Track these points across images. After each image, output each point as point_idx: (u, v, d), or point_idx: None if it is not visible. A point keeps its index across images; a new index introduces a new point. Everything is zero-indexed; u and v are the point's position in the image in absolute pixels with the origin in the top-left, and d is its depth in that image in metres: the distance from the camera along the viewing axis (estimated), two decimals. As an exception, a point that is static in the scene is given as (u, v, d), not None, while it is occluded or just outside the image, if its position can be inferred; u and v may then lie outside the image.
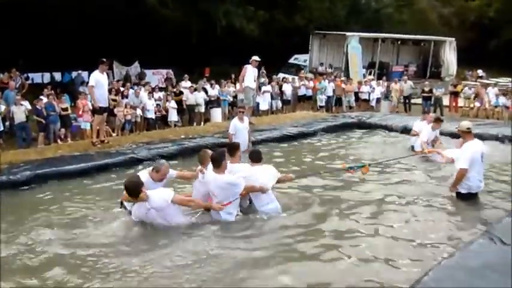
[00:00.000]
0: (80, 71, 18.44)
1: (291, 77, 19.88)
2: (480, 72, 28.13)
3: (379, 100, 18.96)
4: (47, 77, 19.19)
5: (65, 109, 12.89)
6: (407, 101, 18.88)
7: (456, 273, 3.80)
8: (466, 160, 5.99)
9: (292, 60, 24.47)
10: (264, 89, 17.03)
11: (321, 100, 18.33)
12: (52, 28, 18.53)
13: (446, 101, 18.75)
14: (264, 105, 16.94)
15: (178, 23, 21.42)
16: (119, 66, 20.97)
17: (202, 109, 15.81)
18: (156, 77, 21.52)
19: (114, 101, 13.47)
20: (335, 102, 18.56)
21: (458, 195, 6.21)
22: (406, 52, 25.96)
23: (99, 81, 9.24)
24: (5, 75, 14.97)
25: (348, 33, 22.35)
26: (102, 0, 19.11)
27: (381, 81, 20.25)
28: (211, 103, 16.09)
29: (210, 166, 5.48)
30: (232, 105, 16.65)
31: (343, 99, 18.54)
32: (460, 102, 18.92)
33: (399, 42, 25.34)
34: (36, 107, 12.16)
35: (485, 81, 24.08)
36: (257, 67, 11.59)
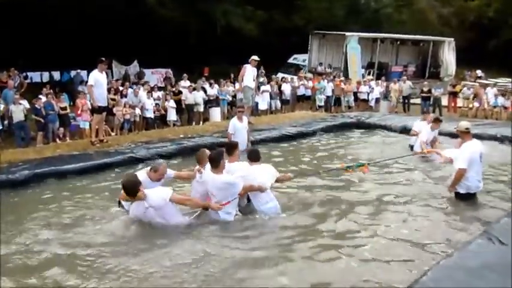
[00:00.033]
0: (79, 70, 18.41)
1: (290, 77, 19.91)
2: (479, 73, 28.09)
3: (378, 100, 18.99)
4: (45, 76, 19.20)
5: (64, 108, 12.90)
6: (406, 101, 18.92)
7: (455, 273, 3.80)
8: (465, 160, 6.00)
9: (291, 60, 24.48)
10: (263, 88, 17.03)
11: (320, 100, 18.33)
12: (52, 28, 18.53)
13: (445, 101, 18.77)
14: (263, 105, 16.94)
15: (177, 23, 21.43)
16: (118, 66, 20.96)
17: (201, 108, 15.81)
18: (155, 76, 21.53)
19: (113, 100, 13.45)
20: (334, 102, 18.58)
21: (457, 195, 6.22)
22: (405, 52, 25.94)
23: (98, 81, 9.23)
24: (4, 74, 14.93)
25: (347, 33, 22.33)
26: (102, 0, 19.12)
27: (380, 81, 20.23)
28: (210, 102, 16.09)
29: (208, 166, 5.47)
30: (231, 104, 16.66)
31: (342, 99, 18.58)
32: (459, 103, 18.95)
33: (398, 43, 25.31)
34: (35, 106, 12.16)
35: (484, 82, 24.06)
36: (256, 67, 11.61)
